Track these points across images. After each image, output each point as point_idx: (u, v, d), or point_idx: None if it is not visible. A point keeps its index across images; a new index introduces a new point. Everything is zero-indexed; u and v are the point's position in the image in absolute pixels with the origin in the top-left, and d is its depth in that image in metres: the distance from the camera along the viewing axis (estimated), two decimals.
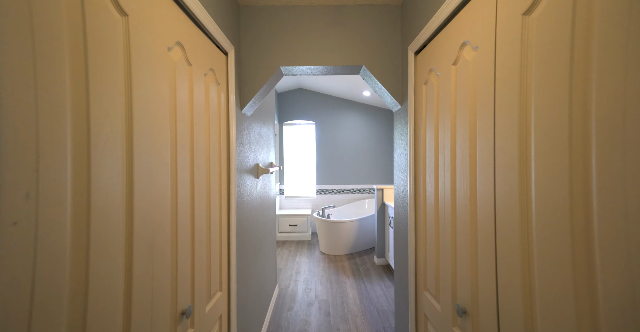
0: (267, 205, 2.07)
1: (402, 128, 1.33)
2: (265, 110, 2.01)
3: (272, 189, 2.34)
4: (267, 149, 2.08)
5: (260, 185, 1.81)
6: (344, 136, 4.51)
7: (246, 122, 1.43)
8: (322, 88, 4.15)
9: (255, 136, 1.64)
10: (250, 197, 1.52)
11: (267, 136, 2.11)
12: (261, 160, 1.83)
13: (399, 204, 1.40)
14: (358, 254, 3.45)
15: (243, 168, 1.37)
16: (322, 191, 4.50)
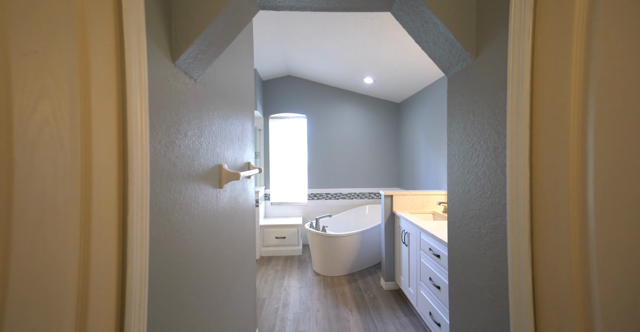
0: (242, 221, 1.41)
1: (471, 102, 0.72)
2: (238, 92, 1.36)
3: (251, 198, 1.69)
4: (242, 146, 1.43)
5: (227, 196, 1.15)
6: (340, 132, 3.90)
7: (193, 96, 0.78)
8: (315, 75, 3.53)
9: (216, 123, 0.99)
10: (205, 218, 0.87)
11: (243, 129, 1.46)
12: (229, 160, 1.18)
13: (467, 223, 0.79)
14: (360, 275, 2.84)
15: (184, 172, 0.73)
16: (314, 196, 3.87)
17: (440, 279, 1.60)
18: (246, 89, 1.55)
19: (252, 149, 1.70)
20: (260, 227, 3.37)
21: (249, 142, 1.60)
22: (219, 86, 1.06)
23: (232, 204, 1.24)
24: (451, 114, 0.83)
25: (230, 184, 1.19)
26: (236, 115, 1.32)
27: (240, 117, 1.41)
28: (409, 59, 2.41)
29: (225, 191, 1.12)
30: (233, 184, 1.24)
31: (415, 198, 2.46)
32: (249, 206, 1.60)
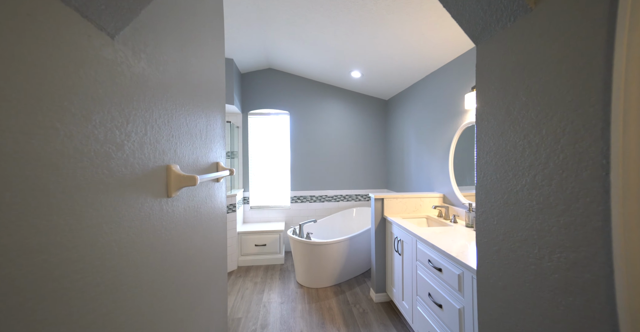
0: (207, 234, 1.12)
1: (524, 75, 0.50)
2: (202, 80, 1.07)
3: (220, 204, 1.39)
4: (206, 143, 1.14)
5: (181, 207, 0.87)
6: (325, 130, 3.66)
7: (105, 61, 0.49)
8: (298, 67, 3.27)
9: (160, 111, 0.70)
10: (141, 245, 0.58)
11: (209, 123, 1.16)
12: (185, 160, 0.89)
13: (513, 248, 0.56)
14: (348, 285, 2.61)
15: (85, 178, 0.45)
16: (298, 199, 3.60)
17: (443, 297, 1.40)
18: (214, 78, 1.26)
19: (222, 147, 1.41)
20: (237, 234, 3.06)
21: (217, 139, 1.32)
22: (167, 66, 0.78)
23: (192, 215, 0.95)
24: (484, 96, 0.60)
25: (186, 191, 0.90)
26: (197, 106, 1.03)
27: (206, 109, 1.12)
28: (400, 50, 2.22)
29: (179, 201, 0.84)
30: (192, 190, 0.96)
31: (408, 201, 2.27)
32: (218, 214, 1.31)
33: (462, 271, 1.25)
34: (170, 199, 0.76)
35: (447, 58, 2.16)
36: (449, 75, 2.20)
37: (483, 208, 0.61)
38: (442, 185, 2.33)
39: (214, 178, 1.10)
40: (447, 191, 2.23)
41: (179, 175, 0.76)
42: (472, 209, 1.87)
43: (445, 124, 2.27)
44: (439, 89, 2.36)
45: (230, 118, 3.45)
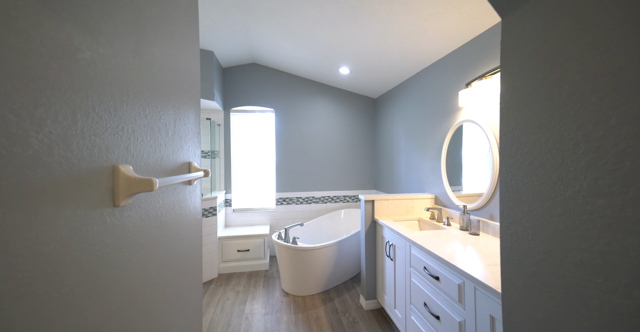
0: (177, 247, 0.95)
1: (575, 50, 0.39)
2: (169, 70, 0.90)
3: (193, 210, 1.22)
4: (175, 140, 0.96)
5: (136, 218, 0.69)
6: (312, 129, 3.52)
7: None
8: (284, 63, 3.11)
9: (107, 91, 0.54)
10: (63, 275, 0.42)
11: (178, 118, 0.99)
12: (144, 159, 0.72)
13: (562, 274, 0.44)
14: (336, 292, 2.48)
15: None
16: (283, 201, 3.44)
17: (441, 308, 1.30)
18: (185, 67, 1.09)
19: (196, 145, 1.24)
20: (218, 240, 2.85)
21: (190, 136, 1.15)
22: (114, 42, 0.61)
23: (154, 226, 0.78)
24: (512, 79, 0.49)
25: (145, 198, 0.73)
26: (162, 96, 0.86)
27: (174, 101, 0.95)
28: (391, 44, 2.12)
29: (132, 210, 0.67)
30: (153, 196, 0.79)
31: (399, 203, 2.17)
32: (192, 221, 1.14)
33: (463, 280, 1.15)
34: (118, 208, 0.59)
35: (441, 53, 2.08)
36: (442, 72, 2.13)
37: (511, 219, 0.50)
38: (433, 186, 2.26)
39: (185, 180, 0.93)
40: (439, 191, 2.16)
41: (131, 178, 0.60)
42: (467, 211, 1.79)
43: (438, 123, 2.19)
44: (431, 86, 2.28)
45: (210, 115, 3.23)
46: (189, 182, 1.12)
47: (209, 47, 2.64)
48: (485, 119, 1.67)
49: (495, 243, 1.46)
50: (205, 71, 2.68)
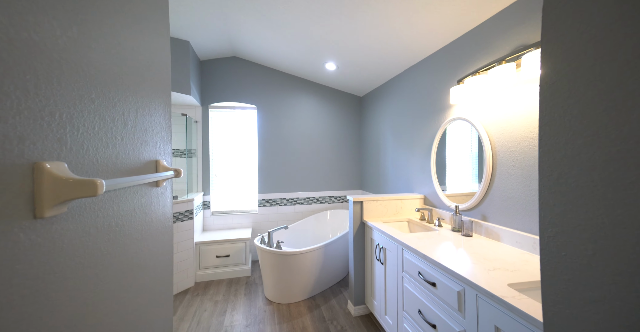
0: (143, 261, 0.78)
1: None
2: (131, 58, 0.73)
3: (162, 215, 1.05)
4: (135, 133, 0.80)
5: (75, 231, 0.53)
6: (297, 128, 3.38)
7: None
8: (266, 57, 2.95)
9: (21, 62, 0.39)
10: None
11: (140, 106, 0.83)
12: (86, 155, 0.56)
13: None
14: (323, 297, 2.36)
15: None
16: (267, 202, 3.27)
17: (437, 316, 1.22)
18: (150, 53, 0.93)
19: (166, 141, 1.07)
20: (195, 245, 2.64)
21: (158, 131, 0.98)
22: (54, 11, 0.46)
23: (103, 240, 0.62)
24: (565, 52, 0.39)
25: (89, 204, 0.57)
26: (119, 83, 0.70)
27: (136, 90, 0.79)
28: (380, 38, 2.04)
29: (68, 221, 0.51)
30: (104, 202, 0.63)
31: (389, 204, 2.10)
32: (160, 229, 0.97)
33: (463, 287, 1.07)
34: (42, 221, 0.43)
35: (431, 48, 2.03)
36: (432, 68, 2.08)
37: (557, 228, 0.40)
38: (422, 185, 2.20)
39: (150, 181, 0.78)
40: (429, 191, 2.11)
41: (62, 180, 0.44)
42: (459, 211, 1.74)
43: (427, 121, 2.14)
44: (421, 84, 2.23)
45: (186, 111, 3.00)
46: (157, 184, 0.96)
47: (184, 36, 2.43)
48: (478, 116, 1.62)
49: (490, 245, 1.41)
50: (180, 62, 2.47)
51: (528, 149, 1.32)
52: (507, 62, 1.34)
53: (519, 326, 0.84)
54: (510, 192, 1.42)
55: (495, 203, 1.51)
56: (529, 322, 0.80)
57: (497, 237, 1.47)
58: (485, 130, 1.57)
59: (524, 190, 1.34)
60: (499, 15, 1.47)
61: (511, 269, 1.11)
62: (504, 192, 1.45)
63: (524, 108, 1.33)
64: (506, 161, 1.44)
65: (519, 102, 1.36)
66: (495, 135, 1.51)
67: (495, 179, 1.51)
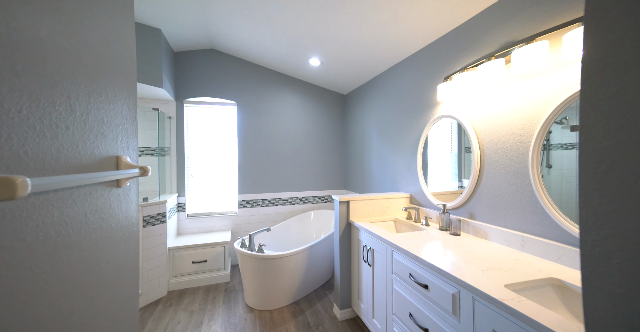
0: (101, 283, 0.64)
1: None
2: (82, 43, 0.60)
3: (126, 222, 0.90)
4: (86, 124, 0.66)
5: None
6: (279, 125, 3.26)
7: None
8: (247, 51, 2.80)
9: None
10: None
11: (95, 94, 0.68)
12: (8, 143, 0.43)
13: None
14: (307, 302, 2.27)
15: None
16: (247, 203, 3.12)
17: (430, 320, 1.17)
18: (110, 36, 0.78)
19: (130, 136, 0.92)
20: (168, 251, 2.44)
21: (119, 122, 0.83)
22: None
23: (37, 258, 0.49)
24: (617, 22, 0.33)
25: (12, 209, 0.44)
26: (65, 64, 0.57)
27: (88, 70, 0.66)
28: (367, 33, 1.98)
29: None
30: (37, 206, 0.49)
31: (375, 203, 2.05)
32: (120, 236, 0.83)
33: (458, 289, 1.03)
34: None
35: (418, 45, 2.00)
36: (419, 65, 2.05)
37: (607, 230, 0.34)
38: (408, 184, 2.18)
39: (108, 180, 0.65)
40: (415, 190, 2.09)
41: None
42: (447, 210, 1.73)
43: (414, 118, 2.12)
44: (407, 81, 2.20)
45: (159, 105, 2.78)
46: (118, 183, 0.82)
47: (154, 23, 2.23)
48: (466, 113, 1.61)
49: (479, 243, 1.40)
50: (151, 52, 2.26)
51: (516, 146, 1.31)
52: (496, 58, 1.33)
53: (519, 329, 0.80)
54: (498, 189, 1.41)
55: (482, 201, 1.50)
56: (531, 326, 0.76)
57: (485, 235, 1.46)
58: (472, 128, 1.55)
59: (512, 187, 1.34)
60: (487, 11, 1.46)
61: (504, 269, 1.08)
62: (492, 190, 1.44)
63: (513, 105, 1.33)
64: (494, 159, 1.43)
65: (508, 99, 1.35)
66: (483, 133, 1.50)
67: (483, 177, 1.50)
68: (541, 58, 1.12)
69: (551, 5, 1.16)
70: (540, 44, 1.12)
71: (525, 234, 1.26)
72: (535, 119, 1.23)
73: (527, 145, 1.26)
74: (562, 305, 0.97)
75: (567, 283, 0.98)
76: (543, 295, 0.99)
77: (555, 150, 1.16)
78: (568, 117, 1.12)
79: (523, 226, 1.29)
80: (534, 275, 1.02)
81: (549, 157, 1.19)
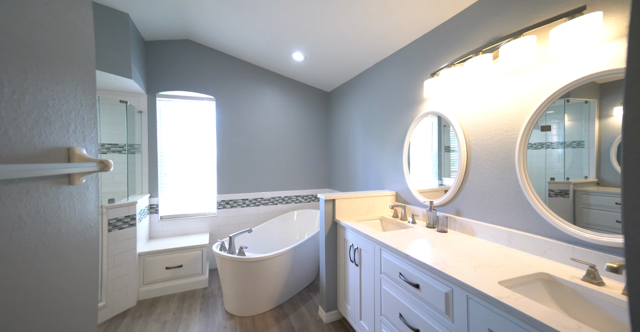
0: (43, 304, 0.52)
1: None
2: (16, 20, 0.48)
3: (81, 227, 0.77)
4: (21, 107, 0.55)
5: None
6: (260, 122, 3.13)
7: None
8: (227, 43, 2.65)
9: None
10: None
11: (36, 65, 0.57)
12: None
13: None
14: (291, 305, 2.17)
15: None
16: (227, 204, 2.96)
17: (421, 320, 1.13)
18: (58, 12, 0.66)
19: (88, 125, 0.79)
20: (138, 257, 2.24)
21: (71, 108, 0.70)
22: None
23: None
24: None
25: None
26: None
27: (27, 45, 0.53)
28: (353, 27, 1.93)
29: None
30: None
31: (361, 201, 2.00)
32: (77, 243, 0.70)
33: (451, 288, 0.99)
34: None
35: (405, 40, 1.98)
36: (406, 62, 2.03)
37: None
38: (394, 182, 2.16)
39: (52, 174, 0.54)
40: (401, 188, 2.07)
41: None
42: (434, 207, 1.71)
43: (399, 115, 2.10)
44: (393, 77, 2.18)
45: (127, 98, 2.55)
46: (70, 180, 0.69)
47: (121, 6, 2.03)
48: (452, 109, 1.60)
49: (467, 240, 1.39)
50: (117, 38, 2.06)
51: (503, 142, 1.31)
52: (484, 53, 1.32)
53: (515, 328, 0.77)
54: (485, 186, 1.41)
55: (469, 197, 1.50)
56: (529, 323, 0.73)
57: (472, 231, 1.46)
58: (459, 124, 1.55)
59: (498, 183, 1.34)
60: (475, 5, 1.46)
61: (495, 265, 1.07)
62: (479, 186, 1.44)
63: (500, 101, 1.33)
64: (481, 155, 1.43)
65: (495, 95, 1.35)
66: (469, 129, 1.49)
67: (470, 173, 1.50)
68: (528, 53, 1.11)
69: (538, 0, 1.16)
70: (527, 39, 1.11)
71: (511, 230, 1.27)
72: (521, 115, 1.23)
73: (514, 141, 1.26)
74: (550, 299, 0.97)
75: (555, 277, 0.98)
76: (534, 290, 0.98)
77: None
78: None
79: (509, 222, 1.29)
80: (524, 270, 1.01)
81: None
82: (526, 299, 0.80)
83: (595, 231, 0.99)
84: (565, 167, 1.09)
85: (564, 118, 1.09)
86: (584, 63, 1.01)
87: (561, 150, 1.10)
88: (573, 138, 1.07)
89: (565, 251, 1.07)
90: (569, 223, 1.06)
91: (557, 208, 1.11)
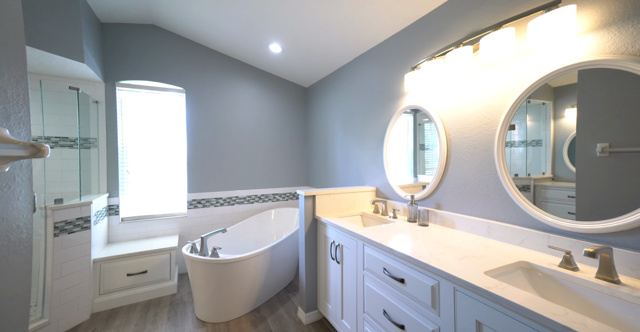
0: None
1: None
2: None
3: (10, 227, 0.62)
4: None
5: None
6: (235, 117, 2.96)
7: None
8: (198, 31, 2.46)
9: None
10: None
11: None
12: None
13: None
14: (268, 307, 2.06)
15: None
16: (198, 203, 2.76)
17: (407, 316, 1.09)
18: None
19: (15, 105, 0.64)
20: (93, 264, 1.99)
21: None
22: None
23: None
24: None
25: None
26: None
27: None
28: (333, 18, 1.87)
29: None
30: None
31: (342, 197, 1.95)
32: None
33: (438, 281, 0.97)
34: None
35: (385, 34, 1.96)
36: (386, 55, 2.02)
37: None
38: (374, 177, 2.13)
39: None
40: (381, 183, 2.05)
41: None
42: (415, 201, 1.71)
43: (380, 110, 2.08)
44: (373, 72, 2.15)
45: (80, 85, 2.27)
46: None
47: None
48: (433, 103, 1.60)
49: (448, 233, 1.39)
50: (63, 13, 1.81)
51: (482, 134, 1.33)
52: (464, 46, 1.33)
53: (503, 317, 0.75)
54: (465, 178, 1.42)
55: (449, 191, 1.50)
56: (517, 312, 0.71)
57: (452, 224, 1.46)
58: (439, 118, 1.55)
59: (478, 175, 1.35)
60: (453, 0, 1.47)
61: (478, 256, 1.06)
62: (459, 179, 1.45)
63: (479, 94, 1.34)
64: (460, 148, 1.44)
65: (475, 87, 1.36)
66: (449, 122, 1.50)
67: (450, 166, 1.50)
68: (508, 45, 1.13)
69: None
70: (506, 31, 1.13)
71: (490, 221, 1.28)
72: (500, 107, 1.25)
73: (493, 133, 1.28)
74: (530, 286, 0.98)
75: (534, 265, 0.99)
76: (515, 279, 0.98)
77: None
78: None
79: (489, 213, 1.30)
80: (505, 260, 1.02)
81: None
82: (513, 288, 0.79)
83: (570, 220, 1.02)
84: (527, 164, 1.14)
85: (526, 118, 1.15)
86: (560, 56, 1.04)
87: (523, 148, 1.16)
88: (533, 137, 1.13)
89: (541, 240, 1.09)
90: (546, 212, 1.09)
91: None
